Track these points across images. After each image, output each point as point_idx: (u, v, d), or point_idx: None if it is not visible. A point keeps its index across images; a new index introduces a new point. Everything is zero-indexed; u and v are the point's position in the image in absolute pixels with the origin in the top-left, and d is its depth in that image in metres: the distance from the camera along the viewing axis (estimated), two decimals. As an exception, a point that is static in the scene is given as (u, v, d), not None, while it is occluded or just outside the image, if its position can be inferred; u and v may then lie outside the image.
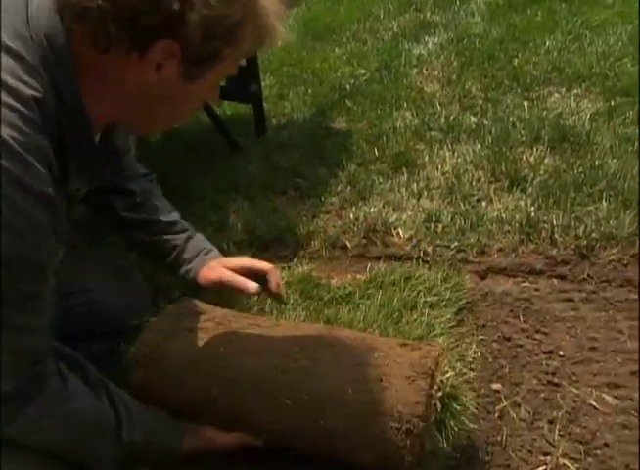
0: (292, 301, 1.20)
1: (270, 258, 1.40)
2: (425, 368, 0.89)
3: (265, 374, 0.92)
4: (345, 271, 1.40)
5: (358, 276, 1.32)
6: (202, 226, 1.52)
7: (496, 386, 1.12)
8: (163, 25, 0.68)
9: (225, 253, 1.35)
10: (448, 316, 1.20)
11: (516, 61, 2.43)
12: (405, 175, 1.75)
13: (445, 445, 0.88)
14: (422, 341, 1.04)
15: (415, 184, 1.70)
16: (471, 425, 0.92)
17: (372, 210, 1.59)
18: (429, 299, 1.24)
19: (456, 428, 0.89)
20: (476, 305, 1.30)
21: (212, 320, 1.02)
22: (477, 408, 1.00)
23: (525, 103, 2.11)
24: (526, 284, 1.36)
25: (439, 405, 0.88)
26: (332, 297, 1.24)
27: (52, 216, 0.70)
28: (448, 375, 0.90)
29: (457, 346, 1.10)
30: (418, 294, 1.24)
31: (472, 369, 1.00)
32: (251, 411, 0.92)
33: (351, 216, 1.58)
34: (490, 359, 1.17)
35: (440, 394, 0.89)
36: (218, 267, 1.05)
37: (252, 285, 1.00)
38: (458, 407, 0.90)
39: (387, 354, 0.92)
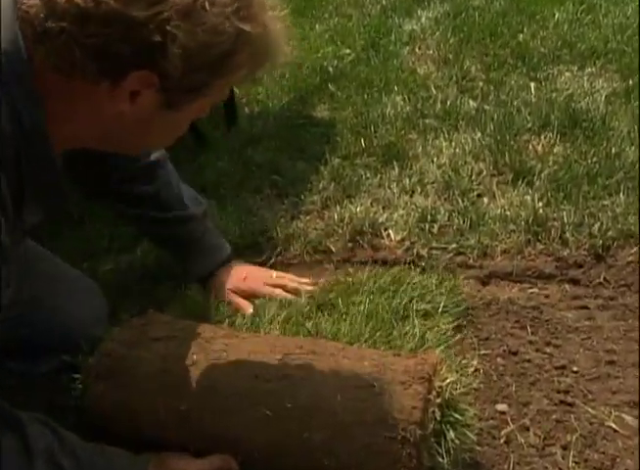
0: (267, 312, 1.21)
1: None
2: (422, 373, 0.90)
3: (243, 384, 0.93)
4: (329, 278, 1.39)
5: (341, 282, 1.32)
6: None
7: (501, 407, 1.12)
8: (139, 56, 0.70)
9: None
10: (445, 327, 1.20)
11: (521, 36, 2.45)
12: (396, 169, 1.75)
13: (445, 460, 0.88)
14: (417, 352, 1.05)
15: (407, 179, 1.70)
16: (473, 437, 0.92)
17: (359, 209, 1.59)
18: (422, 307, 1.23)
19: (457, 441, 0.89)
20: (477, 315, 1.30)
21: (182, 330, 1.04)
22: (480, 430, 1.01)
23: (532, 84, 2.12)
24: (535, 290, 1.36)
25: (438, 414, 0.88)
26: (312, 307, 1.23)
27: (5, 267, 0.70)
28: (448, 381, 0.91)
29: (456, 360, 1.09)
30: (410, 301, 1.24)
31: (473, 388, 1.00)
32: (227, 426, 0.92)
33: (335, 217, 1.58)
34: (494, 377, 1.17)
35: (439, 400, 0.89)
36: (225, 290, 1.25)
37: (250, 308, 1.21)
38: (459, 417, 0.90)
39: (378, 362, 0.93)
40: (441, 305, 1.25)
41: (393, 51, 2.45)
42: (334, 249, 1.49)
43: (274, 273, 1.32)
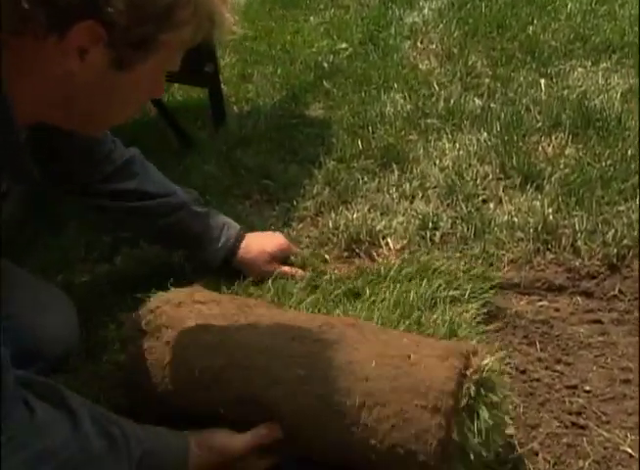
0: (292, 296, 1.30)
1: (232, 277, 1.40)
2: (460, 350, 0.95)
3: (280, 344, 1.00)
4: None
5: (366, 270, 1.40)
6: None
7: (508, 430, 1.11)
8: (84, 5, 0.74)
9: (178, 274, 1.38)
10: (474, 312, 1.28)
11: (530, 29, 2.46)
12: (395, 173, 1.75)
13: (477, 439, 0.91)
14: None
15: (407, 183, 1.70)
16: (509, 421, 0.98)
17: (355, 215, 1.60)
18: (450, 293, 1.32)
19: (490, 421, 0.93)
20: (484, 332, 1.29)
21: (227, 297, 1.16)
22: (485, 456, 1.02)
23: (542, 81, 2.13)
24: (544, 303, 1.37)
25: (473, 390, 0.92)
26: (339, 295, 1.32)
27: None
28: (487, 361, 0.96)
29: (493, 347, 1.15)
30: (438, 289, 1.33)
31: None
32: (259, 385, 0.97)
33: (330, 224, 1.58)
34: (502, 395, 1.16)
35: (476, 377, 0.94)
36: (257, 254, 1.37)
37: (300, 272, 1.37)
38: (495, 398, 0.95)
39: (417, 340, 1.01)
40: (468, 291, 1.33)
41: (393, 45, 2.46)
42: (328, 258, 1.49)
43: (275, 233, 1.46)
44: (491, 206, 1.61)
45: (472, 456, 0.92)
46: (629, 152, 1.72)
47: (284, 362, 0.98)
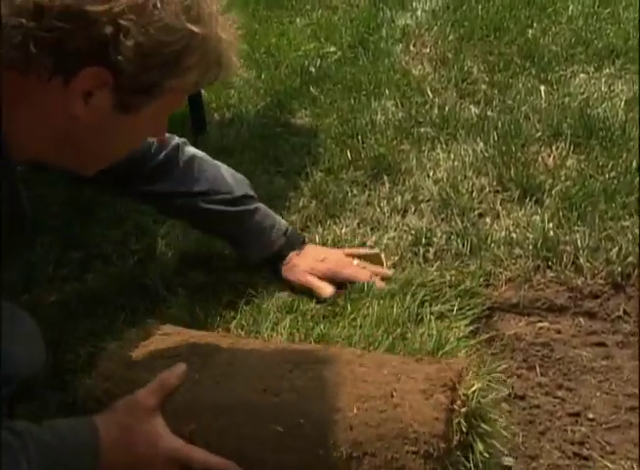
0: (268, 317, 1.31)
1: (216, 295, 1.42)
2: (445, 380, 0.95)
3: (252, 399, 0.99)
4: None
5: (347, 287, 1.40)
6: (122, 256, 1.55)
7: (507, 460, 1.12)
8: (93, 52, 0.82)
9: (151, 293, 1.41)
10: (463, 327, 1.29)
11: (530, 32, 2.48)
12: (387, 185, 1.76)
13: None
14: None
15: (399, 196, 1.71)
16: (504, 450, 0.98)
17: (344, 230, 1.60)
18: (436, 308, 1.33)
19: (486, 454, 0.94)
20: (478, 353, 1.28)
21: (184, 344, 1.13)
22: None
23: (542, 87, 2.14)
24: (545, 324, 1.37)
25: (464, 425, 0.93)
26: (319, 312, 1.33)
27: None
28: (474, 388, 0.96)
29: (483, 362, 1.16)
30: (422, 303, 1.34)
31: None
32: (236, 446, 0.97)
33: (317, 239, 1.58)
34: (499, 424, 1.16)
35: (465, 409, 0.94)
36: (299, 272, 1.40)
37: (329, 290, 1.37)
38: (488, 428, 0.96)
39: (398, 370, 1.00)
40: (456, 306, 1.34)
41: (385, 49, 2.47)
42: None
43: (356, 259, 1.44)
44: (488, 220, 1.62)
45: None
46: (634, 164, 1.73)
47: (259, 420, 0.98)
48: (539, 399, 1.23)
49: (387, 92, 2.19)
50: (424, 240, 1.55)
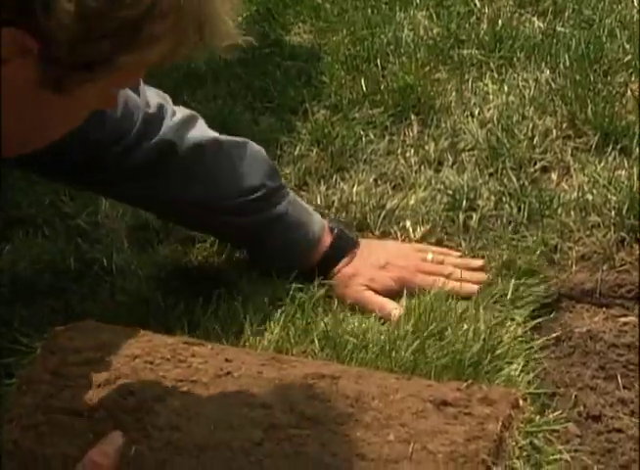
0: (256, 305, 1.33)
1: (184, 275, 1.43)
2: (478, 454, 0.98)
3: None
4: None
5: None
6: (50, 222, 1.54)
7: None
8: (13, 8, 0.79)
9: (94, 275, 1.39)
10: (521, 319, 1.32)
11: None
12: (415, 128, 1.77)
13: None
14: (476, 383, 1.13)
15: (432, 143, 1.71)
16: None
17: (356, 188, 1.61)
18: (482, 296, 1.35)
19: None
20: (538, 357, 1.29)
21: (131, 358, 1.15)
22: None
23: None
24: (630, 319, 1.37)
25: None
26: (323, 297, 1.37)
27: None
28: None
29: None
30: None
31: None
32: None
33: (319, 200, 1.59)
34: (566, 454, 1.14)
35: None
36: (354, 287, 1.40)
37: (393, 311, 1.34)
38: (547, 458, 1.02)
39: (410, 430, 1.03)
40: (509, 294, 1.34)
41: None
42: None
43: (429, 252, 1.45)
44: (554, 176, 1.62)
45: None
46: None
47: None
48: (621, 421, 1.21)
49: (417, 0, 2.17)
50: (465, 203, 1.55)
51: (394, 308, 1.35)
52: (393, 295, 1.37)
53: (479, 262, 1.43)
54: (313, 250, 1.42)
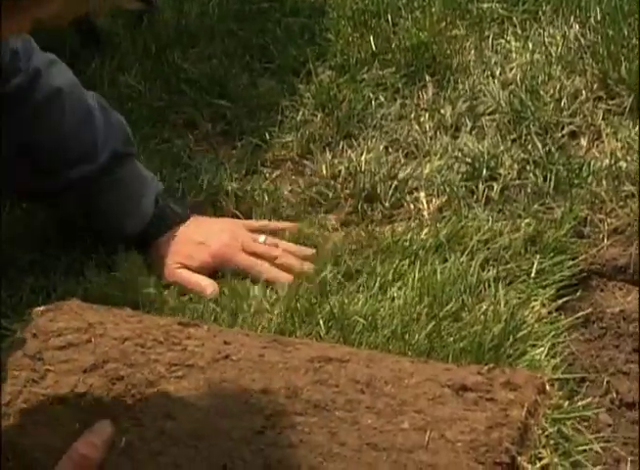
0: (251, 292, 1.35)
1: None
2: (501, 444, 0.97)
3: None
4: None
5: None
6: None
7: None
8: None
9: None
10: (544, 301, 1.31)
11: None
12: (430, 90, 1.77)
13: None
14: (498, 367, 1.13)
15: (449, 106, 1.71)
16: None
17: (364, 156, 1.61)
18: (504, 273, 1.35)
19: None
20: (563, 340, 1.28)
21: (120, 341, 1.15)
22: None
23: None
24: (668, 299, 1.37)
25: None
26: (333, 279, 1.36)
27: None
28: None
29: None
30: (484, 266, 1.37)
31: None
32: None
33: (324, 171, 1.59)
34: (596, 444, 1.13)
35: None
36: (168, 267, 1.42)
37: (210, 288, 1.36)
38: (577, 448, 1.02)
39: (425, 419, 1.03)
40: (534, 270, 1.34)
41: None
42: (322, 223, 1.50)
43: (262, 235, 1.45)
44: (584, 142, 1.61)
45: None
46: None
47: None
48: (660, 411, 1.22)
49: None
50: (485, 172, 1.55)
51: (209, 285, 1.37)
52: (211, 271, 1.40)
53: (310, 251, 1.43)
54: (136, 222, 1.45)
